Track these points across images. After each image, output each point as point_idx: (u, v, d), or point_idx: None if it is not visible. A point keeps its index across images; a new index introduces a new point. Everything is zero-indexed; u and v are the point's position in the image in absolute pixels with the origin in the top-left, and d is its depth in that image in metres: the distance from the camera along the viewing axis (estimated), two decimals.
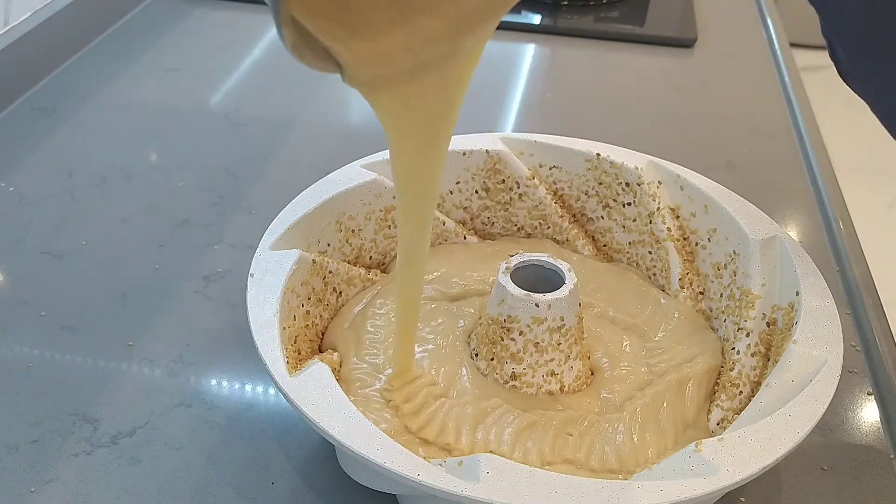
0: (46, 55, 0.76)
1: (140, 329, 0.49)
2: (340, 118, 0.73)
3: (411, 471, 0.32)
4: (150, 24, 0.85)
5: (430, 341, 0.43)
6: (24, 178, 0.62)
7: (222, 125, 0.70)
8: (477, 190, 0.52)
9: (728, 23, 0.92)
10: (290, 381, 0.36)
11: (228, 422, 0.44)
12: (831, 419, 0.45)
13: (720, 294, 0.46)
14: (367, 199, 0.48)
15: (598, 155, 0.50)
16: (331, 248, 0.47)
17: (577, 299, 0.41)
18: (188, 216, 0.59)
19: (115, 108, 0.72)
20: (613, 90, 0.79)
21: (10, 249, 0.55)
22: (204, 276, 0.53)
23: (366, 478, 0.38)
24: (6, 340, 0.48)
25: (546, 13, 0.90)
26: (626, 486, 0.32)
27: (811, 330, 0.39)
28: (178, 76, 0.77)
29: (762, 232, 0.45)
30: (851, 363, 0.49)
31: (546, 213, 0.52)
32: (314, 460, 0.42)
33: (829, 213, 0.61)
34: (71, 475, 0.41)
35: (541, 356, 0.41)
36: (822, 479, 0.42)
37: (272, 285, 0.40)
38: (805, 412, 0.35)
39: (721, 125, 0.74)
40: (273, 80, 0.77)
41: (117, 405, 0.45)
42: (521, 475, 0.32)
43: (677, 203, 0.49)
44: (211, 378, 0.46)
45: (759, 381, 0.41)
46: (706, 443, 0.33)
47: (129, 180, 0.63)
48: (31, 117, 0.69)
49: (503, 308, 0.41)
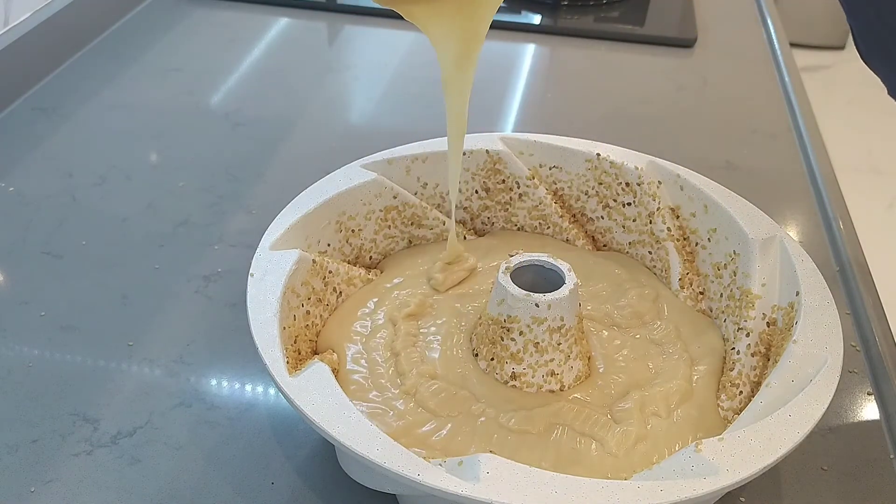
0: (46, 55, 0.76)
1: (140, 329, 0.49)
2: (340, 118, 0.73)
3: (411, 471, 0.32)
4: (150, 24, 0.85)
5: (433, 342, 0.43)
6: (24, 178, 0.62)
7: (222, 125, 0.70)
8: (477, 190, 0.52)
9: (728, 23, 0.92)
10: (290, 381, 0.36)
11: (228, 422, 0.44)
12: (831, 419, 0.45)
13: (720, 294, 0.46)
14: (367, 199, 0.48)
15: (598, 155, 0.50)
16: (331, 248, 0.47)
17: (578, 299, 0.41)
18: (188, 216, 0.59)
19: (115, 108, 0.72)
20: (613, 90, 0.79)
21: (10, 249, 0.55)
22: (204, 276, 0.53)
23: (366, 478, 0.38)
24: (6, 340, 0.48)
25: (546, 13, 0.90)
26: (626, 486, 0.32)
27: (811, 330, 0.39)
28: (178, 76, 0.77)
29: (762, 232, 0.45)
30: (851, 363, 0.49)
31: (546, 213, 0.52)
32: (314, 460, 0.42)
33: (829, 213, 0.61)
34: (71, 475, 0.41)
35: (541, 356, 0.41)
36: (822, 479, 0.42)
37: (272, 285, 0.40)
38: (805, 412, 0.35)
39: (721, 125, 0.74)
40: (273, 80, 0.77)
41: (117, 405, 0.45)
42: (521, 475, 0.32)
43: (677, 203, 0.49)
44: (211, 378, 0.46)
45: (759, 381, 0.41)
46: (706, 443, 0.33)
47: (129, 180, 0.63)
48: (31, 117, 0.69)
49: (503, 308, 0.41)
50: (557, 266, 0.42)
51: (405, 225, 0.50)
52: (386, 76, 0.78)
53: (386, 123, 0.72)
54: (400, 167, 0.50)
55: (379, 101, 0.75)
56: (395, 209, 0.50)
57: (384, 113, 0.73)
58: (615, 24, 0.89)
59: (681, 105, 0.76)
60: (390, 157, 0.50)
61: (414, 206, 0.50)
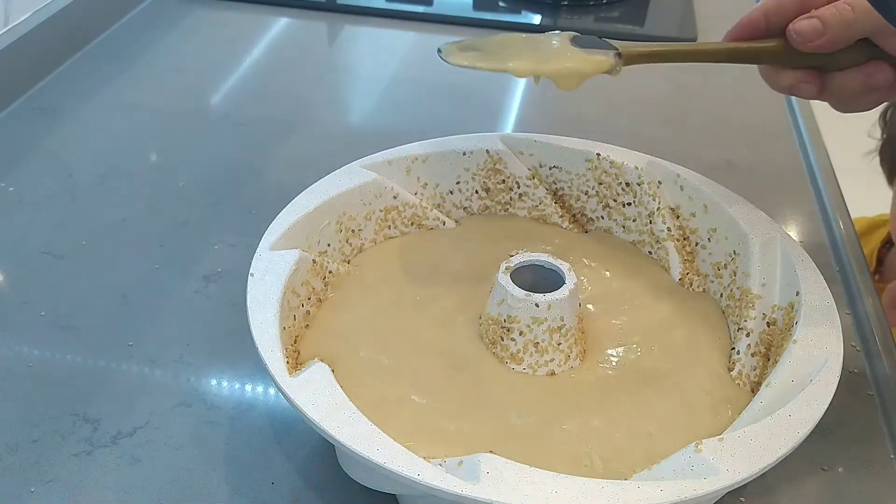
0: (46, 55, 0.76)
1: (140, 329, 0.49)
2: (340, 118, 0.73)
3: (411, 471, 0.32)
4: (150, 24, 0.85)
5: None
6: (24, 178, 0.62)
7: (222, 125, 0.70)
8: (477, 190, 0.52)
9: (728, 23, 0.91)
10: (290, 381, 0.36)
11: (228, 422, 0.44)
12: (831, 419, 0.45)
13: (720, 294, 0.46)
14: (367, 199, 0.48)
15: (598, 155, 0.50)
16: (331, 248, 0.47)
17: (577, 299, 0.42)
18: (188, 216, 0.59)
19: (115, 108, 0.72)
20: (613, 90, 0.79)
21: (10, 249, 0.55)
22: (204, 276, 0.53)
23: (366, 478, 0.38)
24: (6, 340, 0.48)
25: (546, 13, 0.90)
26: (626, 486, 0.32)
27: (811, 330, 0.39)
28: (178, 76, 0.77)
29: (762, 232, 0.45)
30: (851, 363, 0.49)
31: (546, 213, 0.52)
32: (314, 460, 0.42)
33: (829, 213, 0.61)
34: (71, 475, 0.41)
35: (541, 356, 0.41)
36: (822, 479, 0.42)
37: (272, 285, 0.40)
38: (805, 412, 0.35)
39: (721, 125, 0.74)
40: (273, 80, 0.77)
41: (117, 405, 0.44)
42: (521, 475, 0.32)
43: (677, 203, 0.49)
44: (211, 378, 0.46)
45: (759, 381, 0.41)
46: (706, 443, 0.33)
47: (129, 180, 0.63)
48: (31, 117, 0.69)
49: (503, 308, 0.41)
50: (557, 266, 0.42)
51: (405, 225, 0.50)
52: (386, 76, 0.78)
53: (386, 123, 0.72)
54: (400, 167, 0.50)
55: (379, 101, 0.75)
56: (395, 209, 0.50)
57: (384, 113, 0.73)
58: (615, 23, 0.89)
59: (680, 105, 0.76)
60: (390, 158, 0.50)
61: (414, 206, 0.50)
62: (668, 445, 0.36)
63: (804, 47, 0.43)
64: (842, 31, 0.43)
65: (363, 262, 0.48)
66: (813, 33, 0.43)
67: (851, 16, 0.42)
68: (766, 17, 0.45)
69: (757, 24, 0.45)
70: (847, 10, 0.42)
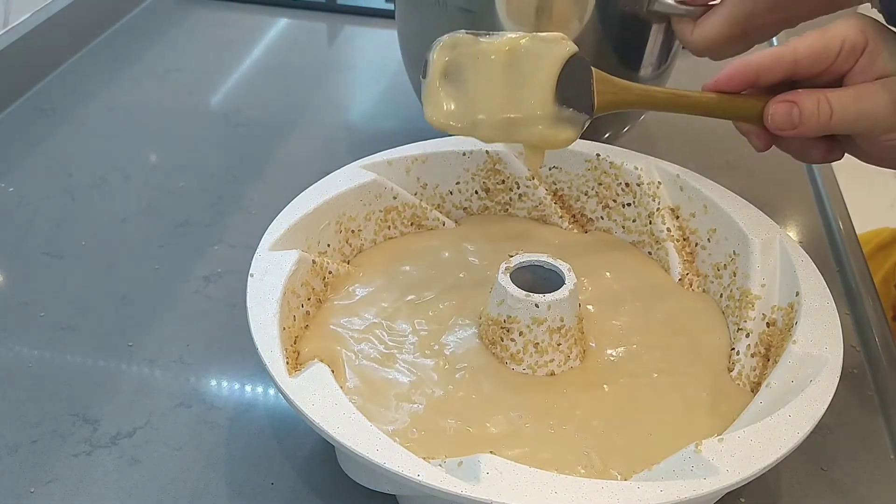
0: (46, 55, 0.76)
1: (140, 329, 0.49)
2: (340, 118, 0.73)
3: (411, 471, 0.32)
4: (150, 24, 0.85)
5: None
6: (24, 178, 0.62)
7: (222, 125, 0.70)
8: (477, 190, 0.52)
9: None
10: (290, 381, 0.36)
11: (228, 422, 0.44)
12: (831, 419, 0.45)
13: (720, 294, 0.46)
14: (366, 199, 0.48)
15: (598, 155, 0.50)
16: (331, 248, 0.47)
17: (577, 300, 0.41)
18: (188, 216, 0.59)
19: (115, 108, 0.72)
20: None
21: (10, 249, 0.55)
22: (203, 277, 0.53)
23: (366, 478, 0.38)
24: (6, 340, 0.48)
25: None
26: (626, 487, 0.32)
27: (811, 330, 0.39)
28: (178, 76, 0.77)
29: (762, 232, 0.45)
30: (851, 363, 0.49)
31: (546, 213, 0.52)
32: (314, 460, 0.42)
33: (829, 213, 0.61)
34: (71, 475, 0.41)
35: (541, 357, 0.41)
36: (822, 479, 0.42)
37: (272, 285, 0.40)
38: (805, 412, 0.35)
39: (721, 125, 0.73)
40: (273, 80, 0.77)
41: (117, 405, 0.44)
42: (521, 475, 0.32)
43: (677, 203, 0.49)
44: (211, 378, 0.46)
45: (759, 381, 0.41)
46: (706, 443, 0.33)
47: (129, 180, 0.63)
48: (31, 117, 0.69)
49: (503, 308, 0.41)
50: (557, 266, 0.42)
51: (405, 225, 0.50)
52: (386, 76, 0.78)
53: (386, 123, 0.72)
54: (400, 168, 0.50)
55: (379, 101, 0.75)
56: (394, 210, 0.50)
57: (384, 113, 0.73)
58: None
59: None
60: (390, 158, 0.50)
61: (414, 206, 0.50)
62: (668, 446, 0.36)
63: (774, 132, 0.45)
64: (814, 129, 0.43)
65: (363, 263, 0.48)
66: (787, 125, 0.44)
67: (827, 118, 0.42)
68: (756, 75, 0.44)
69: (745, 79, 0.45)
70: (826, 110, 0.42)
